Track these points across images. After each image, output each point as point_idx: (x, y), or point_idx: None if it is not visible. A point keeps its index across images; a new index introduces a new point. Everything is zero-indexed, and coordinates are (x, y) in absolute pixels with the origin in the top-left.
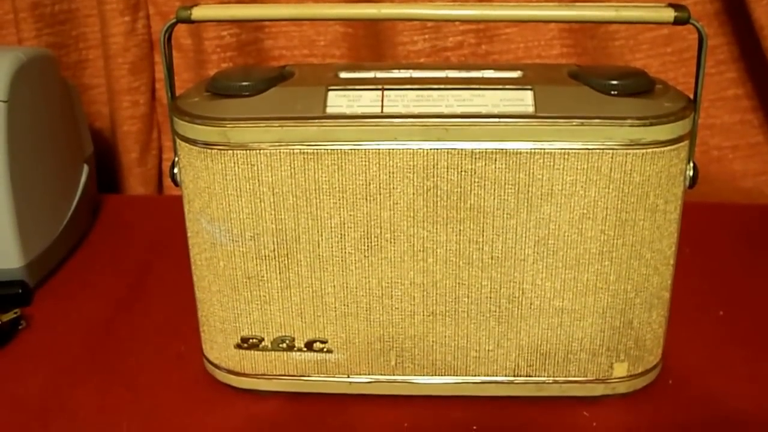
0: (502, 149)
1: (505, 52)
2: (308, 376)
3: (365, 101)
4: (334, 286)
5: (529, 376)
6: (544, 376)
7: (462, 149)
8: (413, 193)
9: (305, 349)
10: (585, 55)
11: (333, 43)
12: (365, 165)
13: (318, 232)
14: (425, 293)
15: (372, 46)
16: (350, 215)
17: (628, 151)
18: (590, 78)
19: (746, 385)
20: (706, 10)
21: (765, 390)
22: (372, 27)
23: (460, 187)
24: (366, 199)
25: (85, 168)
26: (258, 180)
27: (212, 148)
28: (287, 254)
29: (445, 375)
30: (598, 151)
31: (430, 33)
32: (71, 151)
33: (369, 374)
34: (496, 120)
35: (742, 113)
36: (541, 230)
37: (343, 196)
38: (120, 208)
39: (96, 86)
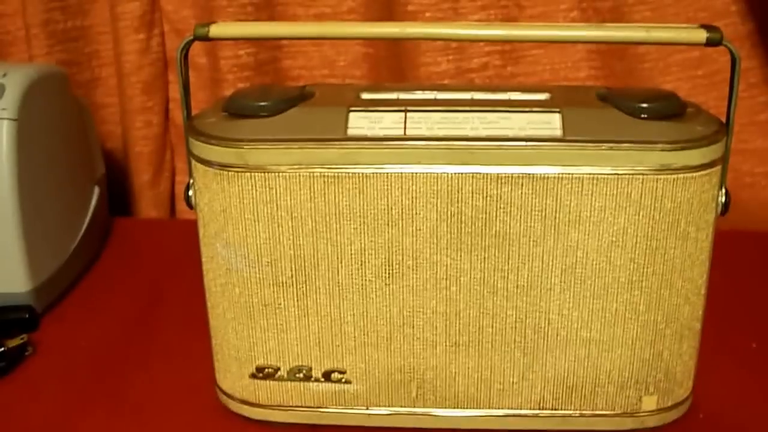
0: (528, 174)
1: (531, 74)
2: (326, 408)
3: (388, 123)
4: (353, 314)
5: (555, 410)
6: (570, 410)
7: (487, 173)
8: (436, 219)
9: (323, 379)
10: (613, 78)
11: (353, 63)
12: (387, 189)
13: (338, 258)
14: (448, 322)
15: (393, 67)
16: (371, 241)
17: (659, 176)
18: (619, 101)
19: None
20: (738, 31)
21: None
22: (394, 47)
23: (485, 212)
24: (388, 224)
25: (96, 190)
26: (276, 203)
27: (229, 170)
28: (305, 281)
29: (467, 408)
30: (627, 176)
31: (454, 54)
32: (82, 172)
33: (389, 406)
34: (523, 143)
35: None
36: (569, 258)
37: (363, 221)
38: (131, 231)
39: (108, 105)
